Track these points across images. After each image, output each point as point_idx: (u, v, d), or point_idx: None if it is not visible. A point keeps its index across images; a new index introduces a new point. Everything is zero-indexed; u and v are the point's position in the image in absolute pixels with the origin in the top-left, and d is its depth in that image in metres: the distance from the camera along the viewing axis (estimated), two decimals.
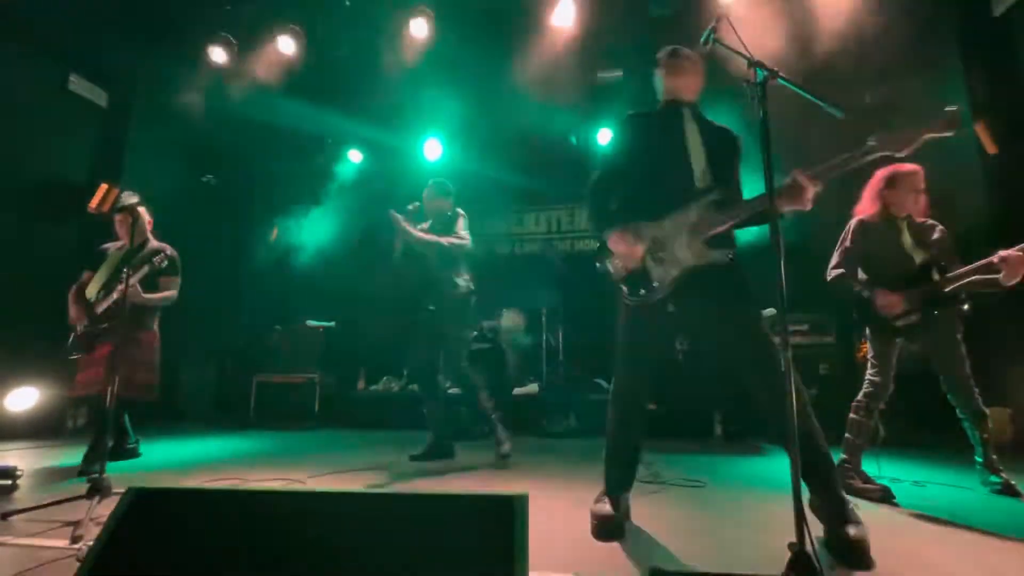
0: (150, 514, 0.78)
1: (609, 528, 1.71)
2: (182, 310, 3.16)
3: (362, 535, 0.81)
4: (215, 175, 2.99)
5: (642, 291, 1.74)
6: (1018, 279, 2.09)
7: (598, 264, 1.89)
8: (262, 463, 3.00)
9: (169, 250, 2.99)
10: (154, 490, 0.81)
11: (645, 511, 2.01)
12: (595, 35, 4.89)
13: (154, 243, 3.07)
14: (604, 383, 5.21)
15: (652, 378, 1.90)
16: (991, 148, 3.80)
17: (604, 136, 6.16)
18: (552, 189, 6.88)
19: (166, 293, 3.01)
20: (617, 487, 1.88)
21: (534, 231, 7.21)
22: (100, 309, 2.85)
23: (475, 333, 5.37)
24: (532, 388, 4.73)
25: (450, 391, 4.88)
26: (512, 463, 3.05)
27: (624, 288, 1.78)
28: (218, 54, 4.94)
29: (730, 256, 1.67)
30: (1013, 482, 2.27)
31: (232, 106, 5.43)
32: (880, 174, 2.42)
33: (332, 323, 5.35)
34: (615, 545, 1.64)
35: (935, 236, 2.40)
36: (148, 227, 3.13)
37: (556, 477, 2.67)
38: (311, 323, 5.31)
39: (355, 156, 6.60)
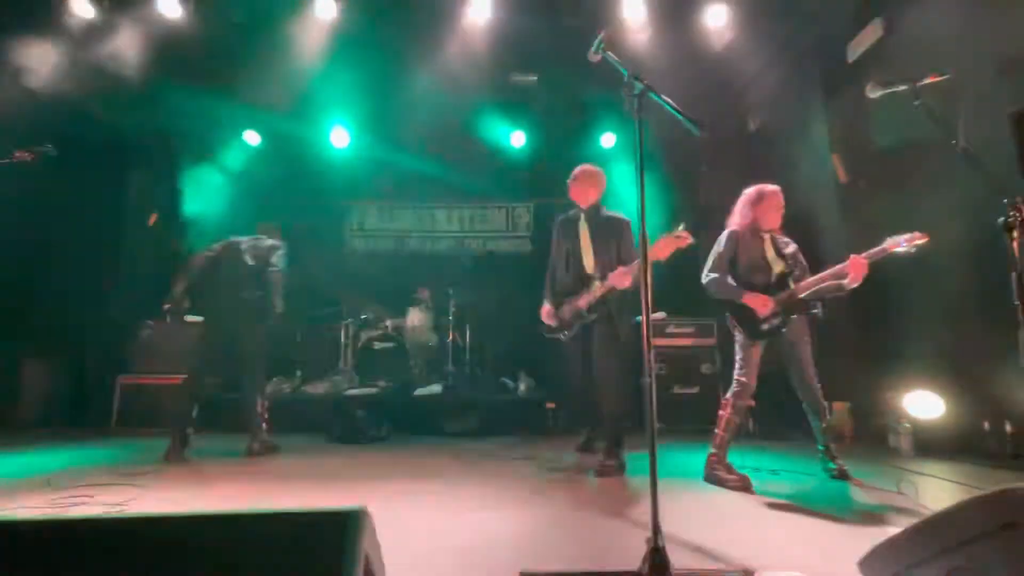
0: None
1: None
2: (26, 300, 2.66)
3: (167, 566, 0.70)
4: (73, 146, 2.55)
5: (560, 336, 2.95)
6: (859, 282, 2.44)
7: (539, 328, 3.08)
8: (114, 475, 2.62)
9: None
10: None
11: (527, 510, 2.03)
12: (510, 36, 4.90)
13: None
14: (510, 383, 5.26)
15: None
16: (843, 177, 4.36)
17: (517, 139, 6.23)
18: (466, 187, 6.83)
19: None
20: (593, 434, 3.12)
21: (446, 229, 7.11)
22: None
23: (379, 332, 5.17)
24: (435, 388, 4.64)
25: (348, 392, 4.66)
26: (403, 465, 2.97)
27: (558, 335, 2.95)
28: (82, 7, 4.28)
29: (594, 316, 2.76)
30: (846, 468, 2.60)
31: (101, 70, 4.74)
32: (748, 192, 2.67)
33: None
34: (488, 548, 1.63)
35: (790, 250, 2.69)
36: None
37: (450, 482, 2.62)
38: (191, 318, 4.78)
39: (252, 137, 6.07)
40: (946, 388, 3.25)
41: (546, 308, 2.98)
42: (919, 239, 2.32)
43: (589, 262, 2.80)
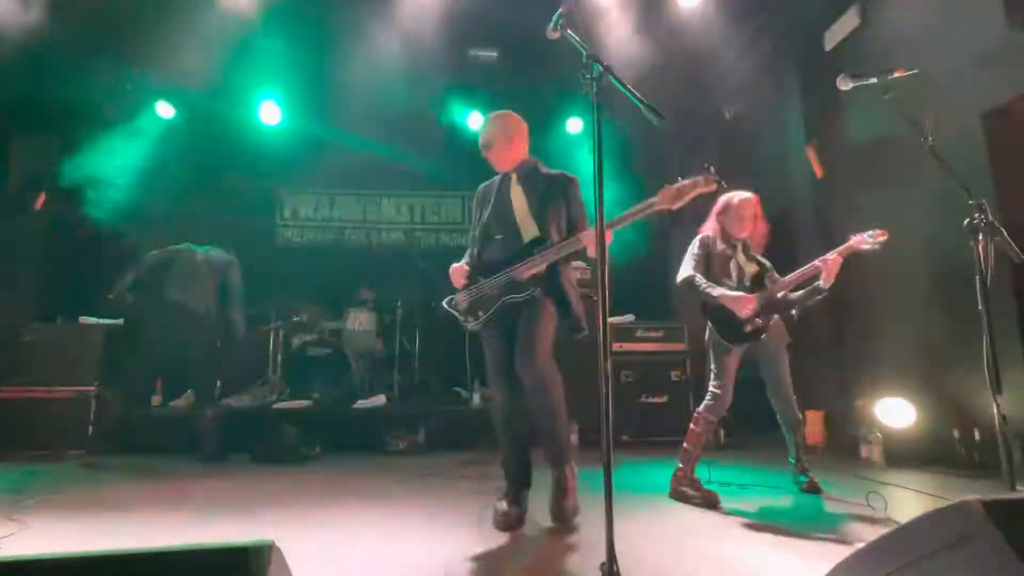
0: None
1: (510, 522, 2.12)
2: None
3: None
4: None
5: (471, 320, 2.44)
6: (833, 279, 2.61)
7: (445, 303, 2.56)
8: None
9: None
10: None
11: (475, 533, 2.02)
12: (467, 7, 4.87)
13: None
14: (463, 392, 5.23)
15: (518, 387, 2.32)
16: (820, 172, 4.57)
17: (475, 120, 6.20)
18: (418, 173, 6.73)
19: None
20: (515, 485, 2.30)
21: (394, 220, 7.01)
22: None
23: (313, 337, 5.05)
24: (379, 400, 4.56)
25: (276, 405, 4.51)
26: (338, 488, 2.90)
27: (468, 320, 2.45)
28: None
29: (530, 294, 2.30)
30: (817, 480, 2.73)
31: None
32: (718, 201, 2.81)
33: (119, 320, 4.58)
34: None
35: (760, 260, 2.86)
36: None
37: (391, 505, 2.58)
38: (87, 320, 4.51)
39: (164, 110, 5.77)
40: (917, 395, 3.46)
41: (458, 267, 2.48)
42: (880, 236, 2.52)
43: (529, 230, 2.39)
